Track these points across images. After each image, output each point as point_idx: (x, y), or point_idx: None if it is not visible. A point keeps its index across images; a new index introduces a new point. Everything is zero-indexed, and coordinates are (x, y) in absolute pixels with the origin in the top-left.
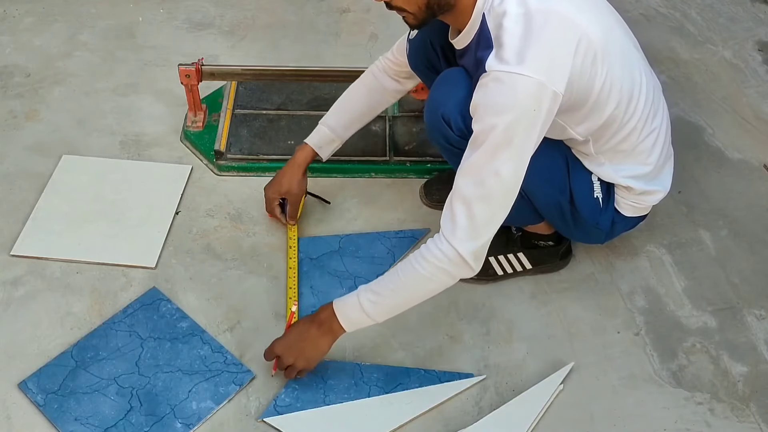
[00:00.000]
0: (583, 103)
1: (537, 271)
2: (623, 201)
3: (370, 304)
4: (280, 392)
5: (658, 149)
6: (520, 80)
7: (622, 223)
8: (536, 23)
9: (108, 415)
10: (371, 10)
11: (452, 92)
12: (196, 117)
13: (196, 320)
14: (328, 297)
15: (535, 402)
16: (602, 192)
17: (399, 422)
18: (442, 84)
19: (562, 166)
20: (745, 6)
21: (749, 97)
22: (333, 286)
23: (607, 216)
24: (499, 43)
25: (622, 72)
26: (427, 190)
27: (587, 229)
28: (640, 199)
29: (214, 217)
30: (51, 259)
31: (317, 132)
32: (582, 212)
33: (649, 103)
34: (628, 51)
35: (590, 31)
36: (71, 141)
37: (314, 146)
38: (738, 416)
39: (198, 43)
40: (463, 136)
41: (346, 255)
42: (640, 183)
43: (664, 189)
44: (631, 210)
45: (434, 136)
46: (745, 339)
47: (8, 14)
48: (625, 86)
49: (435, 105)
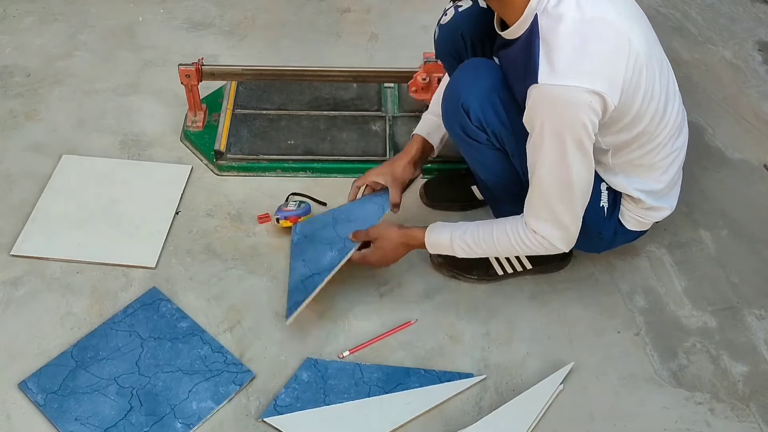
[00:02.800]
0: (624, 116)
1: (537, 272)
2: (628, 213)
3: (461, 250)
4: (280, 392)
5: (674, 169)
6: (576, 92)
7: (624, 236)
8: (593, 33)
9: (108, 415)
10: (371, 10)
11: (475, 82)
12: (196, 117)
13: (196, 320)
14: (319, 264)
15: (535, 402)
16: (608, 202)
17: (399, 422)
18: (465, 71)
19: None
20: (745, 6)
21: (749, 97)
22: (323, 252)
23: (611, 226)
24: (551, 52)
25: (660, 85)
26: (428, 191)
27: (588, 237)
28: (646, 215)
29: (214, 217)
30: (51, 259)
31: (422, 121)
32: (585, 219)
33: (679, 119)
34: (664, 63)
35: (637, 42)
36: (71, 141)
37: (423, 134)
38: (738, 416)
39: (198, 43)
40: (480, 127)
41: (339, 223)
42: (650, 198)
43: (670, 207)
44: (635, 224)
45: (450, 123)
46: (745, 339)
47: (8, 14)
48: (661, 101)
49: (455, 93)
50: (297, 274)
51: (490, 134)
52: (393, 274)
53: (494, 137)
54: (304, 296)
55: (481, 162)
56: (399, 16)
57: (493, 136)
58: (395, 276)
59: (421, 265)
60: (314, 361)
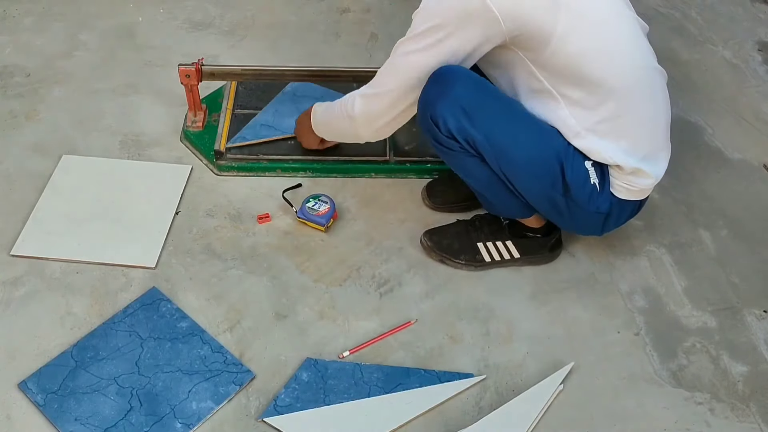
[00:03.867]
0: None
1: (525, 261)
2: (616, 182)
3: (317, 112)
4: (280, 392)
5: (644, 133)
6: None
7: (621, 207)
8: None
9: (108, 415)
10: (371, 10)
11: (443, 93)
12: (196, 117)
13: (196, 320)
14: (282, 124)
15: (535, 402)
16: (597, 177)
17: (399, 422)
18: (434, 82)
19: (553, 163)
20: (745, 6)
21: (749, 97)
22: (291, 116)
23: (605, 199)
24: None
25: (595, 30)
26: (430, 192)
27: (585, 217)
28: (632, 181)
29: (214, 217)
30: (51, 259)
31: None
32: (580, 201)
33: (641, 78)
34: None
35: None
36: (71, 141)
37: None
38: (738, 416)
39: (198, 43)
40: (450, 137)
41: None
42: (629, 160)
43: (655, 175)
44: (625, 192)
45: (424, 132)
46: (745, 339)
47: (8, 14)
48: (594, 41)
49: (424, 105)
50: (263, 117)
51: (462, 142)
52: (393, 273)
53: (467, 145)
54: (251, 137)
55: (460, 167)
56: (399, 16)
57: (466, 144)
58: (395, 276)
59: (421, 265)
60: (314, 361)
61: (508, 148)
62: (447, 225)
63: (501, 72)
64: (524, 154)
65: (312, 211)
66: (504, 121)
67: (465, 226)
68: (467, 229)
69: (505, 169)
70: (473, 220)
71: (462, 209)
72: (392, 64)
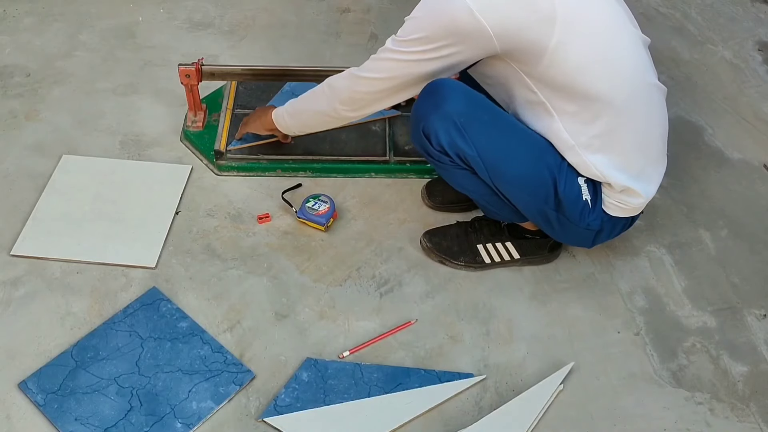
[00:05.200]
0: (523, 44)
1: (525, 262)
2: (608, 200)
3: (286, 112)
4: (280, 392)
5: (634, 147)
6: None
7: (610, 224)
8: None
9: (108, 415)
10: (371, 10)
11: (435, 107)
12: (196, 117)
13: (196, 320)
14: None
15: (535, 402)
16: (590, 194)
17: (399, 422)
18: (426, 97)
19: (546, 179)
20: (745, 6)
21: (749, 97)
22: None
23: (596, 215)
24: None
25: (590, 43)
26: (430, 191)
27: (576, 232)
28: (622, 199)
29: (214, 217)
30: (51, 259)
31: None
32: (571, 217)
33: (635, 93)
34: (621, 29)
35: None
36: (71, 141)
37: None
38: (738, 416)
39: (198, 43)
40: (442, 151)
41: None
42: (621, 176)
43: (646, 195)
44: (618, 210)
45: (416, 145)
46: (745, 339)
47: (8, 14)
48: (589, 57)
49: (416, 118)
50: None
51: (454, 156)
52: (393, 273)
53: (458, 159)
54: (251, 138)
55: (452, 180)
56: (399, 16)
57: (457, 158)
58: (395, 276)
59: (421, 265)
60: (314, 361)
61: (500, 164)
62: (447, 226)
63: (496, 82)
64: (516, 171)
65: (312, 211)
66: (497, 136)
67: (464, 228)
68: (467, 231)
69: (497, 184)
70: (472, 222)
71: (462, 209)
72: (380, 59)
